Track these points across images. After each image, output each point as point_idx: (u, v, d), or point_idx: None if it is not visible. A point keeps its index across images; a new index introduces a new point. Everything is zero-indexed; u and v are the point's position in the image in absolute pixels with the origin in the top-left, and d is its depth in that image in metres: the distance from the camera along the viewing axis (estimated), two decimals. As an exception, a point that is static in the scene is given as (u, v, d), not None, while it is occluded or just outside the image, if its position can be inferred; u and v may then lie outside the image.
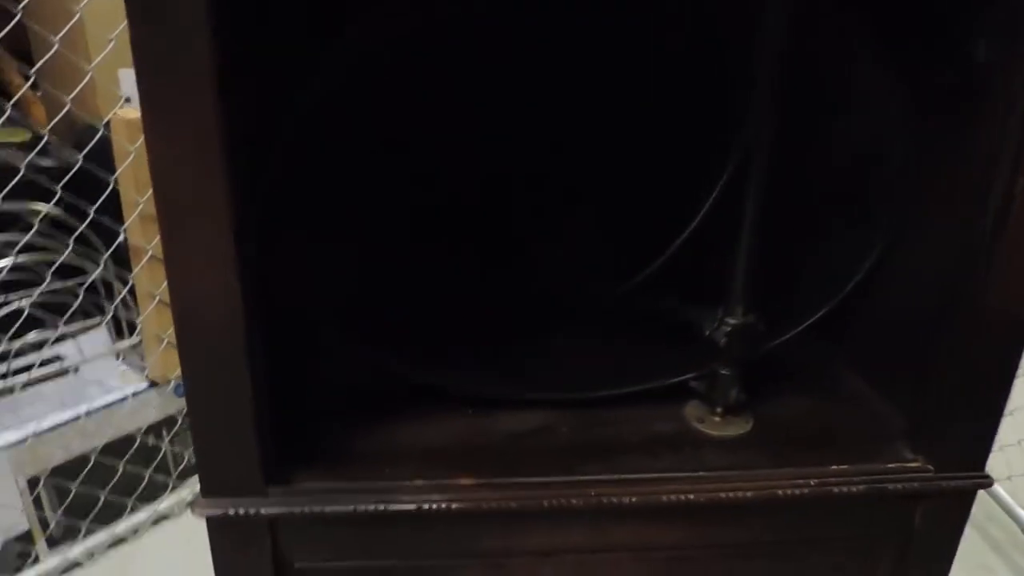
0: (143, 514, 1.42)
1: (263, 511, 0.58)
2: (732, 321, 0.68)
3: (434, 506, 0.60)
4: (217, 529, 0.59)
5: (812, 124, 0.70)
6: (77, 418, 1.29)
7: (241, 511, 0.57)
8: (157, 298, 1.28)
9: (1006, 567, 1.50)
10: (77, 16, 1.18)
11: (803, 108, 0.64)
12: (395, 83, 0.65)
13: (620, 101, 0.74)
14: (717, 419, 0.72)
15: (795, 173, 0.67)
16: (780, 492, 0.65)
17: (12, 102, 1.19)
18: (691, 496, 0.64)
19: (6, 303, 1.25)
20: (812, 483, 0.65)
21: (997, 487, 1.50)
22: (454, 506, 0.60)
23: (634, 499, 0.63)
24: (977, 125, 0.61)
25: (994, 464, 0.68)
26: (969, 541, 0.72)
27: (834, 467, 0.67)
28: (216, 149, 0.48)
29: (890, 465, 0.68)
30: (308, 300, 0.63)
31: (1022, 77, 0.55)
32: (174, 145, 0.47)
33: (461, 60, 0.68)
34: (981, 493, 0.70)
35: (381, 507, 0.59)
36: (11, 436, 1.21)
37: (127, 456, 1.36)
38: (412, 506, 0.60)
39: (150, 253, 1.24)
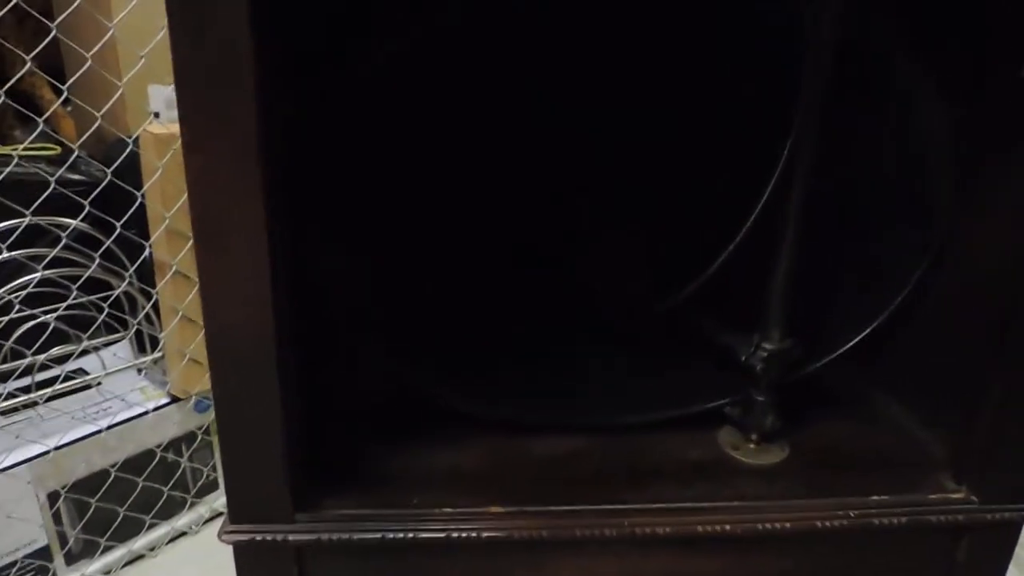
0: (161, 530, 1.41)
1: (291, 538, 0.56)
2: (768, 346, 0.67)
3: (464, 534, 0.59)
4: (244, 556, 0.58)
5: (854, 141, 0.69)
6: (98, 432, 1.28)
7: (268, 538, 0.56)
8: (180, 313, 1.28)
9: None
10: (110, 33, 1.18)
11: (845, 124, 0.62)
12: (432, 89, 0.65)
13: (660, 117, 0.72)
14: (752, 446, 0.70)
15: (836, 192, 0.66)
16: (819, 523, 0.63)
17: (44, 118, 1.19)
18: (727, 527, 0.62)
19: (32, 316, 1.25)
20: (852, 514, 0.64)
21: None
22: (484, 535, 0.59)
23: (668, 529, 0.61)
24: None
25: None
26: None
27: (875, 498, 0.65)
28: (255, 163, 0.47)
29: (932, 496, 0.66)
30: (341, 320, 0.62)
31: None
32: (212, 159, 0.47)
33: (502, 68, 0.67)
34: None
35: (410, 535, 0.58)
36: (33, 450, 1.21)
37: (146, 472, 1.35)
38: (442, 534, 0.59)
39: (174, 268, 1.24)
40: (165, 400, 1.39)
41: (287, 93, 0.53)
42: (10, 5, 1.24)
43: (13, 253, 1.20)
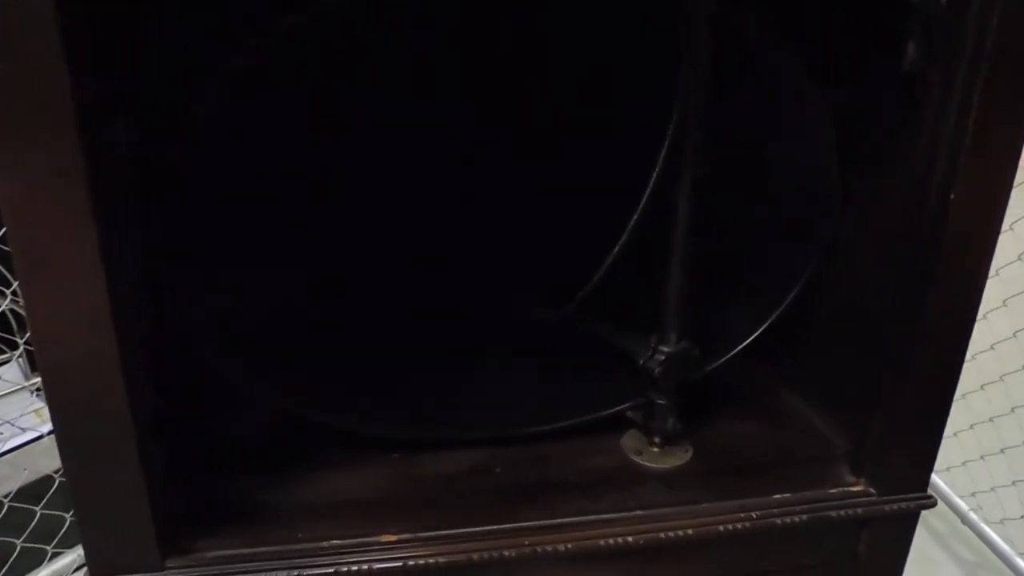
0: (67, 559, 1.33)
1: (161, 587, 0.52)
2: (666, 349, 0.65)
3: (354, 567, 0.56)
4: (109, 611, 0.53)
5: (741, 140, 0.68)
6: (-12, 461, 1.20)
7: (135, 590, 0.52)
8: (71, 330, 1.20)
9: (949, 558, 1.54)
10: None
11: (730, 123, 0.61)
12: (286, 104, 0.61)
13: (547, 118, 0.70)
14: (655, 450, 0.69)
15: (725, 191, 0.65)
16: (722, 528, 0.62)
17: None
18: (629, 539, 0.60)
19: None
20: (754, 516, 0.63)
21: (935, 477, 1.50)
22: (376, 566, 0.56)
23: (570, 546, 0.59)
24: (909, 136, 0.59)
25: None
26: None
27: (776, 496, 0.65)
28: (83, 189, 0.42)
29: (832, 491, 0.66)
30: (206, 345, 0.57)
31: (949, 84, 0.53)
32: (31, 186, 0.42)
33: (372, 70, 0.64)
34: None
35: (295, 572, 0.55)
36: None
37: (45, 499, 1.28)
38: (330, 569, 0.55)
39: (61, 283, 1.17)
40: (62, 422, 1.31)
41: (129, 111, 0.48)
42: None
43: None
